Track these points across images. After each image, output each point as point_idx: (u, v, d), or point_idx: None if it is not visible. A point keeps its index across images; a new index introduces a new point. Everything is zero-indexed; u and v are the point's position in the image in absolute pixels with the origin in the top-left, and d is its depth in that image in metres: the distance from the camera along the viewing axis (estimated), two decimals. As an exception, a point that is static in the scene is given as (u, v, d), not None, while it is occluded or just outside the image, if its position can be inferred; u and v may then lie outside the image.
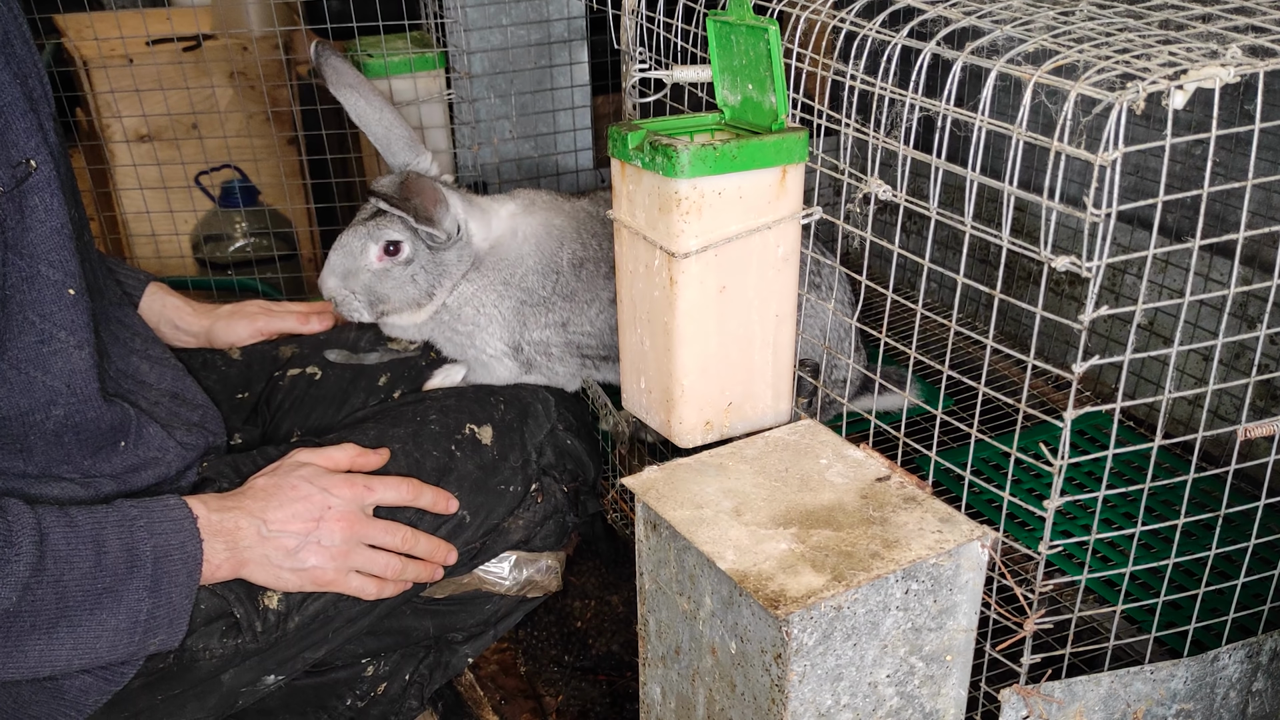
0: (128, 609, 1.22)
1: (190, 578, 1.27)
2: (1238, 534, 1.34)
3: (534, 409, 1.65)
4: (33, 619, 1.16)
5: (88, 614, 1.19)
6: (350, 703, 1.66)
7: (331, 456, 1.42)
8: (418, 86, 2.65)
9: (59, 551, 1.18)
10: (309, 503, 1.36)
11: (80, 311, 1.28)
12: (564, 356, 1.72)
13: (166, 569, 1.25)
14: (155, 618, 1.25)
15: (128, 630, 1.23)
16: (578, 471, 1.68)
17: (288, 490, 1.35)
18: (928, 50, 1.18)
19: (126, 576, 1.21)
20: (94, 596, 1.20)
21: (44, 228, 1.22)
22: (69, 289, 1.25)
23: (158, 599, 1.24)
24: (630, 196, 1.40)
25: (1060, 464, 1.12)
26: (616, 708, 1.95)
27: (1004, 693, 1.23)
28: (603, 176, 2.96)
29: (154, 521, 1.26)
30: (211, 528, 1.30)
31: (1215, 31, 1.11)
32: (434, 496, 1.48)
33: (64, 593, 1.18)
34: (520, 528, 1.59)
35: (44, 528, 1.18)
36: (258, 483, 1.37)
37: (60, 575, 1.17)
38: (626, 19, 1.76)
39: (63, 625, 1.18)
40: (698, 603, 1.19)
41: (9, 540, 1.15)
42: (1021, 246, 1.12)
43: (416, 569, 1.46)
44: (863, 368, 1.70)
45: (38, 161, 1.21)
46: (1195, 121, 2.18)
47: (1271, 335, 1.68)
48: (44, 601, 1.17)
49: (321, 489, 1.36)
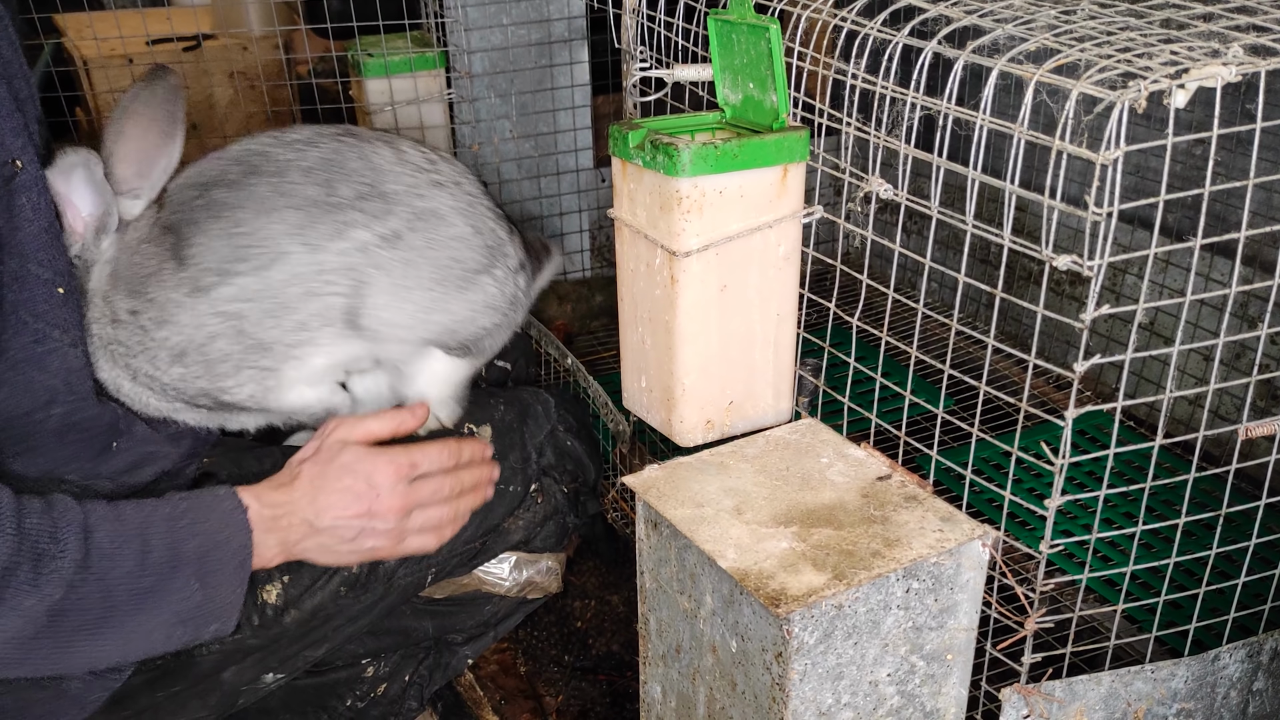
0: (173, 607, 1.21)
1: (240, 569, 1.26)
2: (1238, 534, 1.34)
3: (534, 409, 1.65)
4: (79, 617, 1.16)
5: (133, 611, 1.19)
6: (350, 703, 1.66)
7: (370, 429, 1.39)
8: (418, 86, 2.65)
9: (104, 549, 1.17)
10: (357, 494, 1.34)
11: (71, 310, 1.28)
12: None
13: (213, 564, 1.24)
14: (204, 611, 1.24)
15: (175, 625, 1.22)
16: (578, 472, 1.68)
17: (333, 481, 1.34)
18: (929, 49, 1.18)
19: (170, 575, 1.20)
20: (139, 595, 1.19)
21: (32, 227, 1.22)
22: (58, 288, 1.25)
23: (206, 593, 1.23)
24: (631, 195, 1.40)
25: (1061, 463, 1.12)
26: (616, 707, 1.95)
27: (1005, 692, 1.23)
28: (603, 176, 2.96)
29: (200, 518, 1.24)
30: (264, 524, 1.29)
31: (1217, 30, 1.11)
32: (472, 450, 1.46)
33: (109, 590, 1.17)
34: (520, 528, 1.59)
35: (90, 524, 1.17)
36: (303, 472, 1.35)
37: (105, 573, 1.16)
38: (627, 18, 1.76)
39: (109, 624, 1.18)
40: (698, 601, 1.19)
41: (54, 537, 1.14)
42: (1023, 246, 1.12)
43: (470, 501, 1.45)
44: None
45: (24, 161, 1.21)
46: (1196, 121, 2.18)
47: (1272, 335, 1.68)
48: (89, 600, 1.16)
49: (367, 476, 1.35)
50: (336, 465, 1.35)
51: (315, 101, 2.78)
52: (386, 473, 1.37)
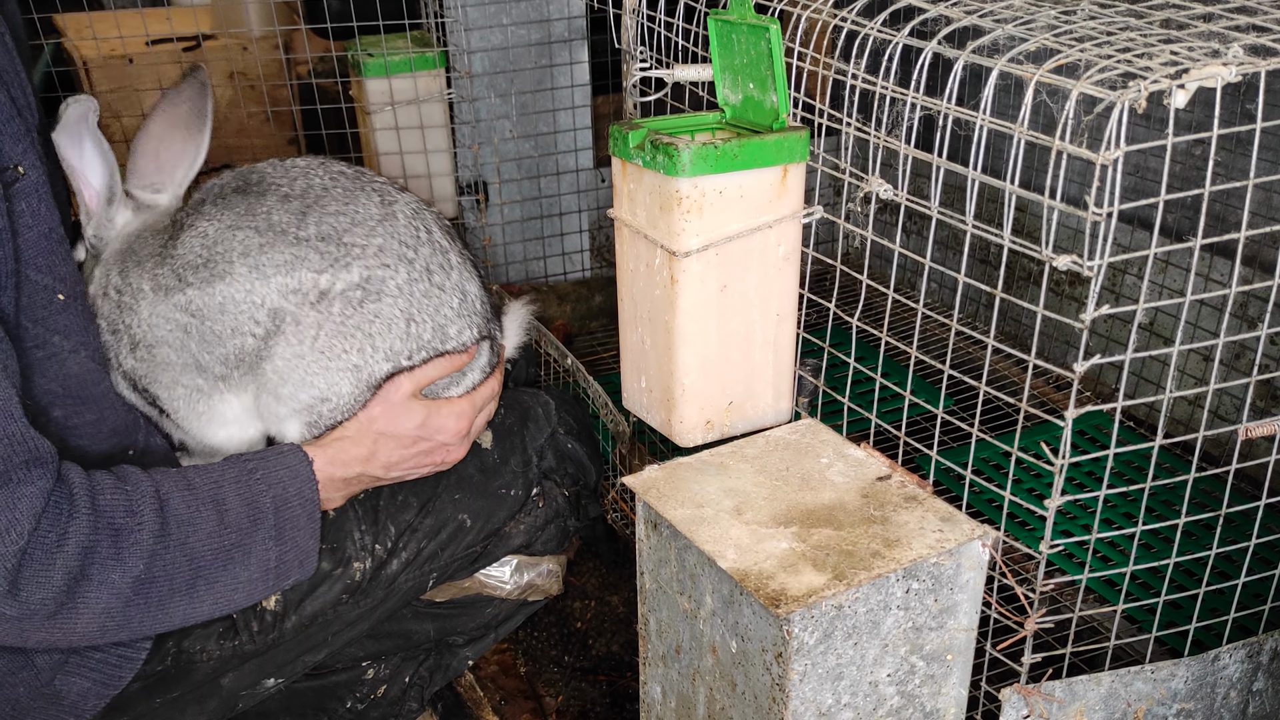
0: (258, 560, 1.27)
1: (311, 520, 1.32)
2: (1238, 534, 1.34)
3: (534, 413, 1.64)
4: (169, 583, 1.21)
5: (221, 570, 1.24)
6: (350, 705, 1.65)
7: (428, 375, 1.42)
8: (418, 86, 2.65)
9: (180, 515, 1.22)
10: (425, 450, 1.41)
11: (72, 316, 1.28)
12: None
13: (288, 516, 1.29)
14: (285, 562, 1.30)
15: (261, 579, 1.28)
16: (579, 475, 1.67)
17: (405, 446, 1.40)
18: (929, 49, 1.18)
19: (251, 530, 1.26)
20: (224, 553, 1.24)
21: (31, 233, 1.23)
22: (58, 294, 1.26)
23: (284, 546, 1.29)
24: (631, 195, 1.40)
25: (1061, 463, 1.12)
26: (616, 708, 1.95)
27: (1004, 692, 1.23)
28: (603, 176, 2.96)
29: (271, 471, 1.30)
30: (330, 481, 1.35)
31: (1217, 31, 1.11)
32: (496, 381, 1.52)
33: (193, 554, 1.22)
34: (521, 532, 1.58)
35: (163, 494, 1.22)
36: (376, 430, 1.38)
37: (186, 538, 1.21)
38: (627, 18, 1.76)
39: (200, 583, 1.23)
40: (698, 602, 1.19)
41: (130, 510, 1.18)
42: (1023, 246, 1.12)
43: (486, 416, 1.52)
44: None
45: (25, 166, 1.22)
46: (1196, 121, 2.18)
47: (1271, 335, 1.68)
48: (175, 565, 1.21)
49: (434, 433, 1.41)
50: (407, 424, 1.39)
51: (315, 101, 2.78)
52: (450, 427, 1.43)
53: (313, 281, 1.32)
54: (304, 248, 1.32)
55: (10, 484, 1.10)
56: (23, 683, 1.26)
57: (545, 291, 2.94)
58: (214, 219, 1.34)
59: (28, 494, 1.11)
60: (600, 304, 2.99)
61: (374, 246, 1.34)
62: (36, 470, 1.12)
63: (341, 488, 1.38)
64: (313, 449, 1.34)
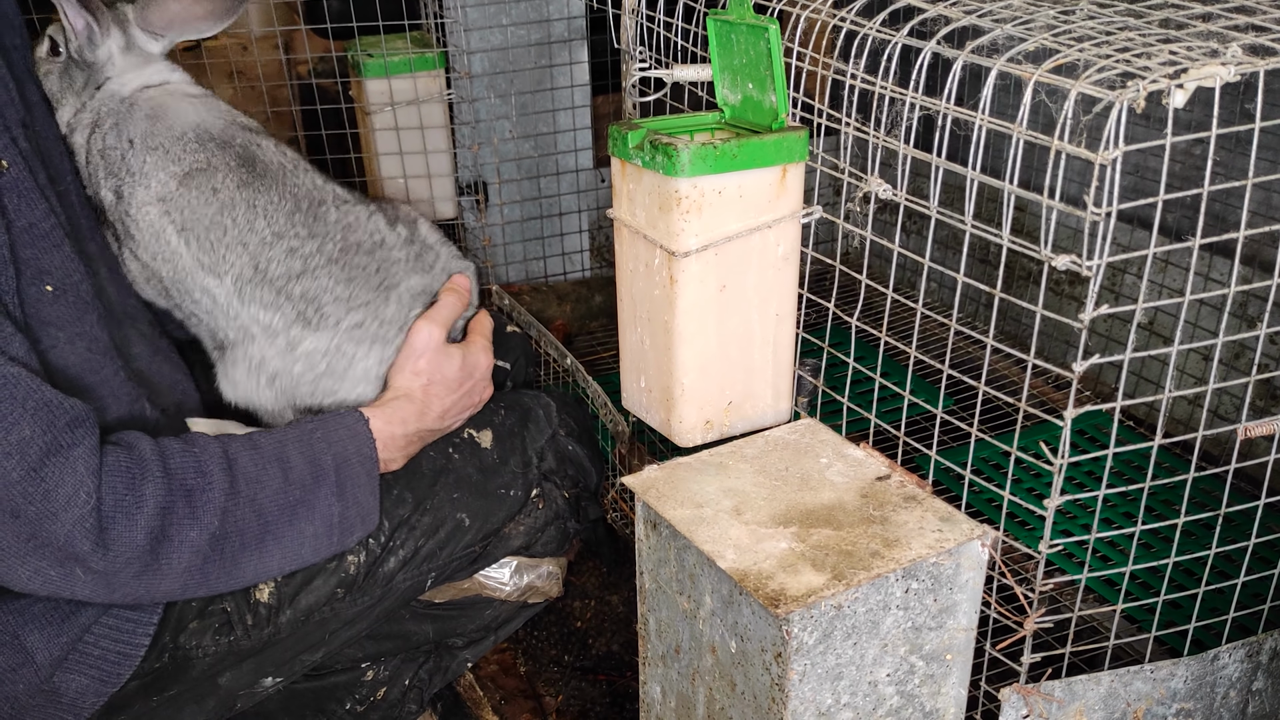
0: (322, 515, 1.33)
1: (370, 477, 1.38)
2: (1238, 533, 1.34)
3: (535, 414, 1.64)
4: (240, 539, 1.27)
5: (288, 525, 1.30)
6: (349, 706, 1.65)
7: (445, 317, 1.50)
8: (418, 86, 2.65)
9: (249, 474, 1.28)
10: (467, 390, 1.51)
11: (64, 307, 1.30)
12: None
13: (349, 474, 1.35)
14: (347, 518, 1.36)
15: (325, 534, 1.34)
16: (579, 477, 1.67)
17: (454, 390, 1.49)
18: (928, 49, 1.18)
19: (314, 486, 1.32)
20: (290, 509, 1.30)
21: (14, 227, 1.24)
22: (46, 285, 1.27)
23: (345, 503, 1.35)
24: (630, 195, 1.40)
25: (1060, 463, 1.12)
26: (616, 708, 1.95)
27: (1004, 692, 1.23)
28: (603, 176, 2.96)
29: (330, 432, 1.36)
30: (391, 440, 1.42)
31: (1215, 30, 1.11)
32: (487, 316, 1.62)
33: (261, 510, 1.28)
34: (521, 533, 1.58)
35: (230, 454, 1.28)
36: (425, 381, 1.46)
37: (254, 495, 1.27)
38: (626, 18, 1.76)
39: (269, 539, 1.29)
40: (698, 602, 1.19)
41: (200, 470, 1.24)
42: (1022, 246, 1.12)
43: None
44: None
45: (8, 161, 1.24)
46: (1195, 121, 2.18)
47: (1271, 335, 1.68)
48: (245, 521, 1.27)
49: (473, 370, 1.51)
50: (451, 369, 1.49)
51: (315, 102, 2.78)
52: (483, 363, 1.54)
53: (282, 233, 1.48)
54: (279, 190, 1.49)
55: (61, 449, 1.14)
56: (22, 680, 1.26)
57: (545, 291, 2.94)
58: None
59: (81, 454, 1.15)
60: (600, 304, 2.99)
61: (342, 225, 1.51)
62: (80, 430, 1.16)
63: (403, 445, 1.44)
64: (369, 410, 1.41)
